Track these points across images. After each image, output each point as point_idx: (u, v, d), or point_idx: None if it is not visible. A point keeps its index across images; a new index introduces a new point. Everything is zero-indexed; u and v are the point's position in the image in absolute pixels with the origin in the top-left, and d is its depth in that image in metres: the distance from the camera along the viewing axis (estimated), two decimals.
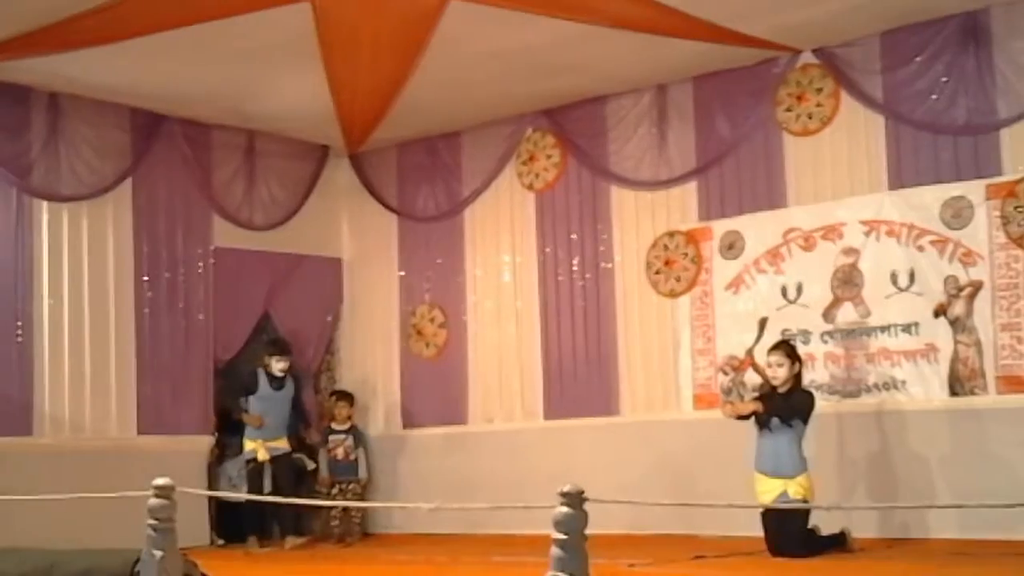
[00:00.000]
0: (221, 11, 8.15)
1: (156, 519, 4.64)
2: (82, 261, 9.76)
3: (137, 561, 4.71)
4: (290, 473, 10.22)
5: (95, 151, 9.86)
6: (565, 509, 3.60)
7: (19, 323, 9.39)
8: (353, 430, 10.60)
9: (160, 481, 4.70)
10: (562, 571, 3.59)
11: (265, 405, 10.06)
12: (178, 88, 9.66)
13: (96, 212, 9.88)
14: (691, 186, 9.70)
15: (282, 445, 10.15)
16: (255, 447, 9.99)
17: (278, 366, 10.13)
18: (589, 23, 8.49)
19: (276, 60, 9.04)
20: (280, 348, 10.30)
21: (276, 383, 10.15)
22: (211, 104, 10.12)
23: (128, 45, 8.56)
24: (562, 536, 3.60)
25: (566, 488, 3.62)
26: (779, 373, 7.83)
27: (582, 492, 3.62)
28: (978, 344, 8.24)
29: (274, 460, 10.04)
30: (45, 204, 9.61)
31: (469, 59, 9.11)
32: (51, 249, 9.61)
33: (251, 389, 10.12)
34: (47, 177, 9.60)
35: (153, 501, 4.67)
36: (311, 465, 10.55)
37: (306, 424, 10.54)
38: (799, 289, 9.05)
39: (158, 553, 4.57)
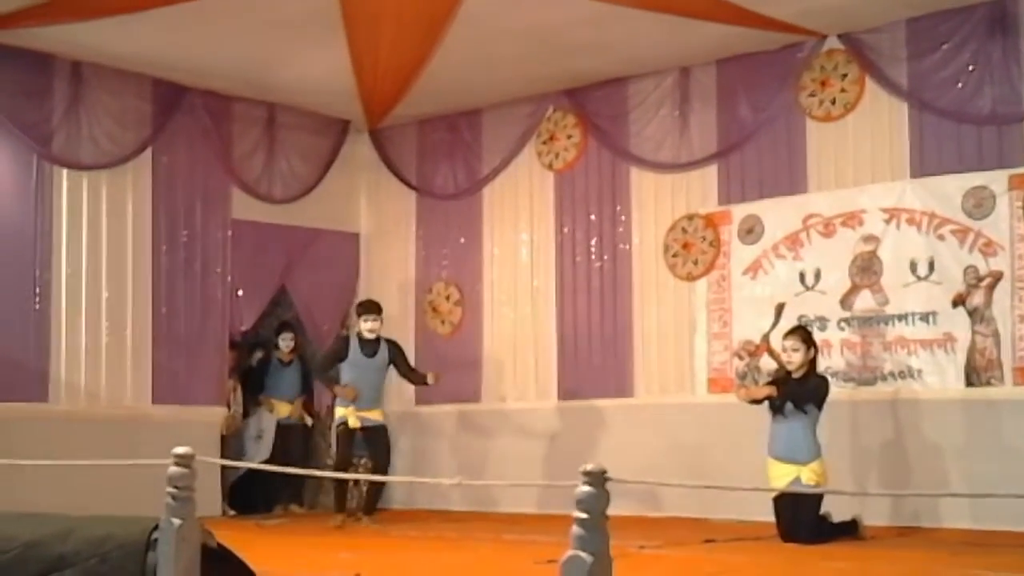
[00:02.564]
0: None
1: (176, 487, 4.64)
2: (100, 230, 9.79)
3: (154, 529, 4.72)
4: (385, 448, 9.55)
5: (116, 120, 9.88)
6: (587, 488, 3.60)
7: (37, 290, 9.43)
8: None
9: (180, 450, 4.71)
10: (583, 550, 3.59)
11: (357, 373, 9.36)
12: (200, 59, 9.65)
13: (115, 181, 9.90)
14: (711, 169, 9.67)
15: (375, 416, 9.43)
16: (346, 414, 9.35)
17: (366, 327, 9.40)
18: (614, 3, 8.44)
19: (299, 33, 9.03)
20: (367, 307, 9.54)
21: (368, 349, 9.42)
22: (232, 76, 10.12)
23: (151, 15, 8.56)
24: (584, 515, 3.60)
25: (589, 467, 3.62)
26: (794, 358, 7.80)
27: (605, 472, 3.62)
28: (996, 335, 8.22)
29: (366, 431, 9.40)
30: (65, 172, 9.64)
31: (492, 37, 9.08)
32: (70, 217, 9.64)
33: (341, 356, 9.49)
34: (68, 145, 9.63)
35: (173, 470, 4.68)
36: None
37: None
38: (817, 275, 9.03)
39: (177, 521, 4.57)
